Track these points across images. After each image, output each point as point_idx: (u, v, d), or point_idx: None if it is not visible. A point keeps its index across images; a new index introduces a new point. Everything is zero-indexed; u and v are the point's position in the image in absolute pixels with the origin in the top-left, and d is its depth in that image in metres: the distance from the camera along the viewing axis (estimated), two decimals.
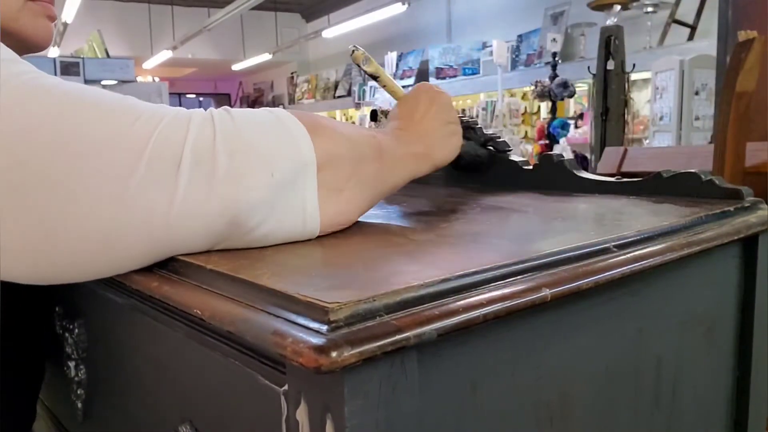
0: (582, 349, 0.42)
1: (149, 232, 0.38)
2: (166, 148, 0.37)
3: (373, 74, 0.68)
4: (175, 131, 0.38)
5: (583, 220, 0.57)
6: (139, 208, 0.37)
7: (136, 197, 0.36)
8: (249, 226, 0.40)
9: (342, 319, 0.28)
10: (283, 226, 0.42)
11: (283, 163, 0.41)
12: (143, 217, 0.37)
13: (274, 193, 0.40)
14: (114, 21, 7.96)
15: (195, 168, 0.37)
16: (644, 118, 4.46)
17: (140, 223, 0.37)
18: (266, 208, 0.40)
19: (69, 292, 0.60)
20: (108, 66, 5.23)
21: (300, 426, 0.30)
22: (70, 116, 0.37)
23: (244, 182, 0.39)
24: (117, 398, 0.54)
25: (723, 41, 2.52)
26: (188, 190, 0.37)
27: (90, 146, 0.36)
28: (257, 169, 0.39)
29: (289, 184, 0.41)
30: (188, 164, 0.37)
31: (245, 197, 0.39)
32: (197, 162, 0.38)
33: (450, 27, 6.97)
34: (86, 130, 0.37)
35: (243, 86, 11.83)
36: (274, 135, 0.41)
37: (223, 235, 0.40)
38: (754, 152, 1.53)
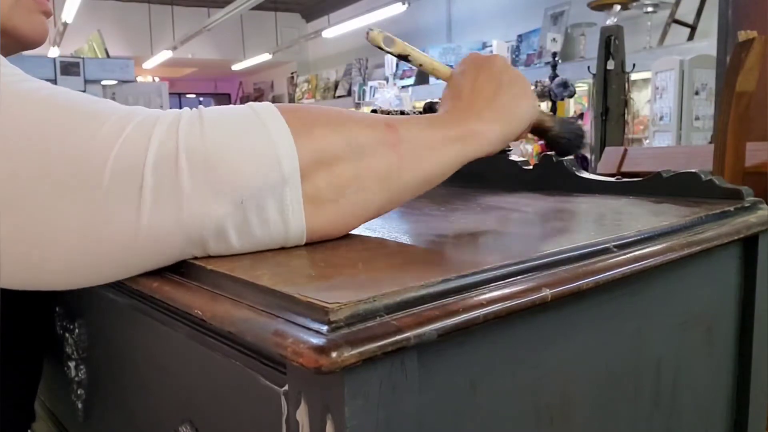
0: (582, 349, 0.42)
1: (116, 248, 0.36)
2: (126, 164, 0.35)
3: (402, 54, 0.55)
4: (138, 142, 0.35)
5: (583, 220, 0.57)
6: (105, 224, 0.35)
7: (102, 212, 0.35)
8: (220, 245, 0.38)
9: (342, 319, 0.28)
10: (260, 242, 0.39)
11: (256, 180, 0.37)
12: (109, 233, 0.36)
13: (243, 214, 0.37)
14: (114, 21, 7.96)
15: (157, 185, 0.35)
16: (644, 118, 4.46)
17: (107, 239, 0.36)
18: (238, 229, 0.37)
19: (69, 292, 0.60)
20: (108, 66, 5.23)
21: (300, 426, 0.30)
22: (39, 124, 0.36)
23: (210, 205, 0.36)
24: (117, 398, 0.54)
25: (723, 41, 2.52)
26: (151, 212, 0.35)
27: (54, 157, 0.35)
28: (224, 191, 0.36)
29: (264, 200, 0.37)
30: (150, 183, 0.35)
31: (208, 221, 0.36)
32: (159, 178, 0.35)
33: (450, 27, 6.97)
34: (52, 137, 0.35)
35: (243, 86, 11.83)
36: (249, 144, 0.37)
37: (191, 253, 0.38)
38: (754, 152, 1.53)
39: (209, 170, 0.36)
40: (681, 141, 3.72)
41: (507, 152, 0.75)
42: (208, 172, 0.36)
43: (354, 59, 7.99)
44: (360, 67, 7.90)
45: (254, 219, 0.37)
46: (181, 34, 7.51)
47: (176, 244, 0.37)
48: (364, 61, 7.83)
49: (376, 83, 6.57)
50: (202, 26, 6.88)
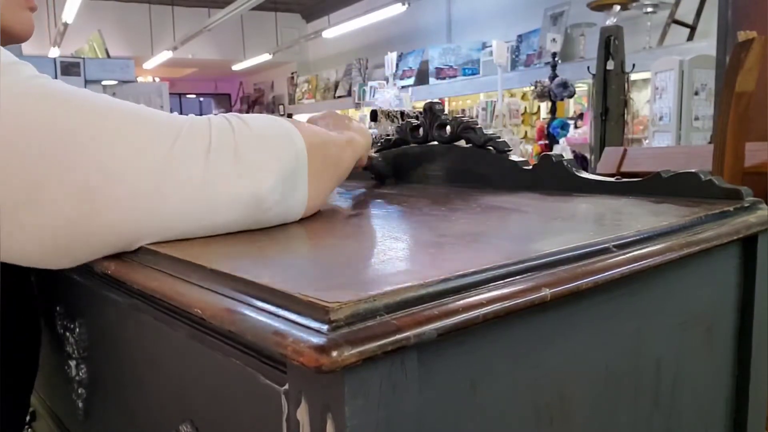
0: (582, 349, 0.42)
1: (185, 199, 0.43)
2: (196, 136, 0.44)
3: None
4: (201, 129, 0.45)
5: (583, 220, 0.57)
6: (175, 179, 0.42)
7: (173, 168, 0.42)
8: (266, 206, 0.47)
9: (342, 318, 0.28)
10: (286, 207, 0.50)
11: (286, 153, 0.49)
12: (179, 185, 0.43)
13: (282, 177, 0.48)
14: (114, 21, 7.96)
15: (221, 154, 0.45)
16: (644, 118, 4.46)
17: (176, 191, 0.43)
18: (278, 189, 0.48)
19: (70, 291, 0.60)
20: (108, 66, 5.23)
21: (300, 425, 0.30)
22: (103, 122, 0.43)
23: (262, 167, 0.47)
24: (118, 397, 0.54)
25: (722, 41, 2.52)
26: (217, 170, 0.44)
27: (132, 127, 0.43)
28: (269, 158, 0.47)
29: (291, 170, 0.49)
30: (215, 150, 0.45)
31: (264, 178, 0.47)
32: (224, 150, 0.45)
33: (450, 27, 6.97)
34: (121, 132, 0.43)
35: (243, 86, 11.83)
36: (275, 130, 0.49)
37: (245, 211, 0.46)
38: (754, 152, 1.53)
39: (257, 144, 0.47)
40: (680, 141, 3.72)
41: (507, 152, 0.75)
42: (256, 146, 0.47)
43: (354, 59, 8.00)
44: (360, 67, 7.90)
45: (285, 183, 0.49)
46: (181, 34, 7.51)
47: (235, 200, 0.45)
48: (364, 61, 7.84)
49: (376, 83, 6.58)
50: (203, 26, 6.88)
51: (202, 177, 0.44)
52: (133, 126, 0.43)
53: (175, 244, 0.44)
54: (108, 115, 0.43)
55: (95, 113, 0.43)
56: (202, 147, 0.44)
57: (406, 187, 0.82)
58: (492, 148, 0.75)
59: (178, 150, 0.43)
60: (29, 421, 0.81)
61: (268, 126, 0.50)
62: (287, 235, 0.52)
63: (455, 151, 0.81)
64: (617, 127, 3.74)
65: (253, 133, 0.47)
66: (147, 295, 0.43)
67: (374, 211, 0.62)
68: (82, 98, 0.43)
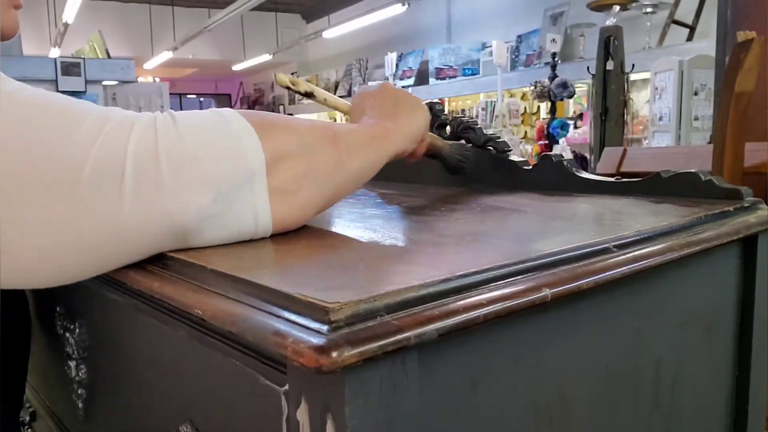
0: (582, 349, 0.42)
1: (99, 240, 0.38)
2: (106, 161, 0.37)
3: (308, 92, 0.64)
4: (117, 140, 0.38)
5: (583, 220, 0.57)
6: (86, 217, 0.37)
7: (82, 206, 0.37)
8: (198, 237, 0.41)
9: (342, 319, 0.28)
10: (232, 234, 0.42)
11: (229, 173, 0.40)
12: (91, 226, 0.37)
13: (221, 205, 0.40)
14: (115, 21, 7.96)
15: (138, 180, 0.38)
16: (643, 118, 4.46)
17: (89, 232, 0.37)
18: (214, 219, 0.40)
19: (70, 291, 0.60)
20: (108, 66, 5.23)
21: (300, 426, 0.30)
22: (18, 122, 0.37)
23: (189, 197, 0.39)
24: (118, 398, 0.54)
25: (722, 41, 2.52)
26: (133, 203, 0.38)
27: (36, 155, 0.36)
28: (202, 183, 0.39)
29: (237, 193, 0.41)
30: (131, 176, 0.37)
31: (192, 212, 0.39)
32: (140, 174, 0.38)
33: (450, 27, 6.97)
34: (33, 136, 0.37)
35: (243, 87, 11.83)
36: (220, 142, 0.41)
37: (171, 244, 0.41)
38: (753, 152, 1.53)
39: (188, 167, 0.39)
40: (680, 141, 3.72)
41: (507, 152, 0.75)
42: (186, 169, 0.39)
43: (354, 60, 7.99)
44: (360, 67, 7.90)
45: (229, 210, 0.41)
46: (181, 34, 7.51)
47: (158, 235, 0.39)
48: (364, 61, 7.84)
49: (376, 84, 6.56)
50: (203, 27, 6.88)
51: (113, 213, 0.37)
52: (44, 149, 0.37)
53: None
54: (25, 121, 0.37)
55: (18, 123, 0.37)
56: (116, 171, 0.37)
57: (406, 187, 0.82)
58: (492, 148, 0.75)
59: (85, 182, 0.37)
60: (29, 421, 0.81)
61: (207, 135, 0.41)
62: (287, 235, 0.52)
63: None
64: (617, 127, 3.74)
65: (182, 144, 0.39)
66: (147, 296, 0.43)
67: (374, 211, 0.62)
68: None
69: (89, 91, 4.91)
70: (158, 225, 0.39)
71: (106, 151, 0.37)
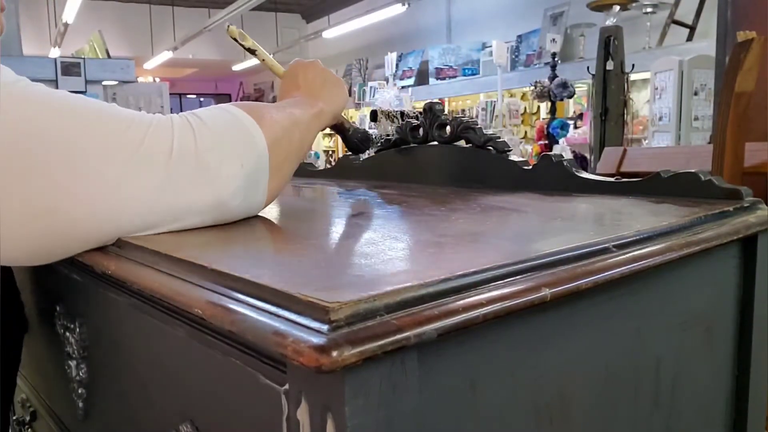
0: (581, 349, 0.42)
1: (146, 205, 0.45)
2: (157, 145, 0.45)
3: (251, 49, 0.72)
4: (164, 133, 0.46)
5: (583, 220, 0.57)
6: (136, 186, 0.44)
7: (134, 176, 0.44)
8: (228, 208, 0.49)
9: (342, 318, 0.28)
10: (248, 206, 0.52)
11: (248, 154, 0.50)
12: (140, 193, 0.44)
13: (245, 179, 0.50)
14: (115, 21, 7.96)
15: (184, 160, 0.46)
16: (643, 118, 4.46)
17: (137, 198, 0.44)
18: (240, 193, 0.49)
19: (70, 291, 0.60)
20: (109, 66, 5.23)
21: (301, 425, 0.30)
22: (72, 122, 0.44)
23: (224, 172, 0.48)
24: (118, 397, 0.54)
25: (722, 42, 2.52)
26: (179, 177, 0.45)
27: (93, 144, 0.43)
28: (232, 162, 0.49)
29: (253, 171, 0.50)
30: (177, 156, 0.46)
31: (226, 185, 0.48)
32: (185, 156, 0.46)
33: (450, 27, 6.97)
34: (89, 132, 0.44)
35: (243, 86, 11.83)
36: (236, 131, 0.50)
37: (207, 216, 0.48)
38: (753, 152, 1.53)
39: (219, 149, 0.48)
40: (680, 141, 3.72)
41: (507, 152, 0.75)
42: (219, 150, 0.48)
43: (354, 59, 8.00)
44: (360, 67, 7.90)
45: (248, 184, 0.50)
46: (181, 34, 7.51)
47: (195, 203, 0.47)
48: (364, 61, 7.84)
49: (376, 83, 6.58)
50: (203, 27, 6.88)
51: (162, 185, 0.45)
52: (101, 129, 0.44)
53: (176, 243, 0.44)
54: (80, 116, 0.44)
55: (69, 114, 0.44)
56: (164, 153, 0.45)
57: (406, 187, 0.82)
58: (492, 148, 0.76)
59: (141, 156, 0.44)
60: (29, 421, 0.81)
61: (228, 127, 0.50)
62: (287, 235, 0.52)
63: (455, 151, 0.81)
64: (617, 127, 3.74)
65: (214, 137, 0.48)
66: (147, 295, 0.43)
67: (374, 211, 0.63)
68: (58, 100, 0.44)
69: (89, 91, 4.90)
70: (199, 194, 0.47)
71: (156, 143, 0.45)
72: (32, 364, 0.77)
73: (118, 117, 0.46)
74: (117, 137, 0.44)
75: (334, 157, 7.15)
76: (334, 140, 6.50)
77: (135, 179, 0.44)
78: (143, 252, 0.43)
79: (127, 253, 0.45)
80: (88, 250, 0.47)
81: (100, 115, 0.45)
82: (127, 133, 0.45)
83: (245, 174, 0.49)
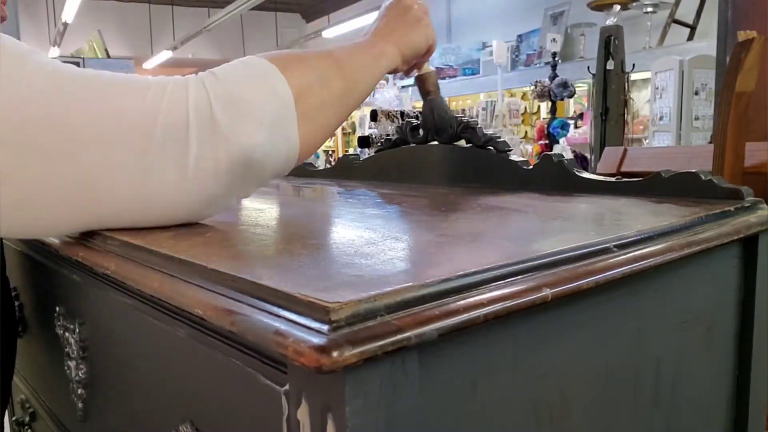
0: (582, 349, 0.42)
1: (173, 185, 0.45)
2: (174, 114, 0.44)
3: None
4: (179, 98, 0.45)
5: (583, 220, 0.57)
6: (160, 167, 0.44)
7: (157, 159, 0.44)
8: (257, 165, 0.47)
9: (343, 318, 0.28)
10: (278, 158, 0.49)
11: (268, 106, 0.47)
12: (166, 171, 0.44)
13: (268, 131, 0.47)
14: (114, 21, 7.96)
15: (201, 126, 0.45)
16: (644, 118, 4.46)
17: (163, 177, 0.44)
18: (266, 145, 0.47)
19: (70, 291, 0.60)
20: (108, 66, 5.22)
21: (301, 425, 0.30)
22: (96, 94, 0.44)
23: (243, 129, 0.46)
24: (118, 398, 0.54)
25: (723, 41, 2.52)
26: (200, 146, 0.45)
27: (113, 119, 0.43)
28: (249, 117, 0.46)
29: (277, 121, 0.48)
30: (195, 124, 0.45)
31: (246, 141, 0.46)
32: (201, 120, 0.45)
33: (450, 27, 6.97)
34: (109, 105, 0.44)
35: None
36: (255, 83, 0.48)
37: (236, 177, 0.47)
38: (754, 152, 1.53)
39: (235, 105, 0.46)
40: (681, 141, 3.72)
41: (507, 152, 0.75)
42: (235, 107, 0.46)
43: None
44: None
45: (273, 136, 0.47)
46: (181, 34, 7.51)
47: (222, 169, 0.46)
48: None
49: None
50: (203, 26, 6.88)
51: (183, 158, 0.44)
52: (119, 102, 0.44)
53: (176, 244, 0.44)
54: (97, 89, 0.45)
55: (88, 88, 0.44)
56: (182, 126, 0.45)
57: (406, 187, 0.82)
58: (492, 148, 0.75)
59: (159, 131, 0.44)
60: (29, 421, 0.81)
61: (244, 79, 0.48)
62: (287, 235, 0.52)
63: (455, 151, 0.81)
64: (617, 127, 3.74)
65: (228, 92, 0.46)
66: (147, 295, 0.43)
67: (374, 211, 0.62)
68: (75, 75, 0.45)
69: None
70: (222, 159, 0.45)
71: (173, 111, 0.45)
72: (32, 365, 0.77)
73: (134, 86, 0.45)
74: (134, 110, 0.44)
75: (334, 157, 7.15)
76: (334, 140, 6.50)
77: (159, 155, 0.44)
78: (143, 252, 0.43)
79: (127, 254, 0.45)
80: (89, 251, 0.47)
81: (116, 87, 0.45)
82: (143, 105, 0.44)
83: (267, 128, 0.47)
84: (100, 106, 0.44)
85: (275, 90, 0.48)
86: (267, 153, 0.47)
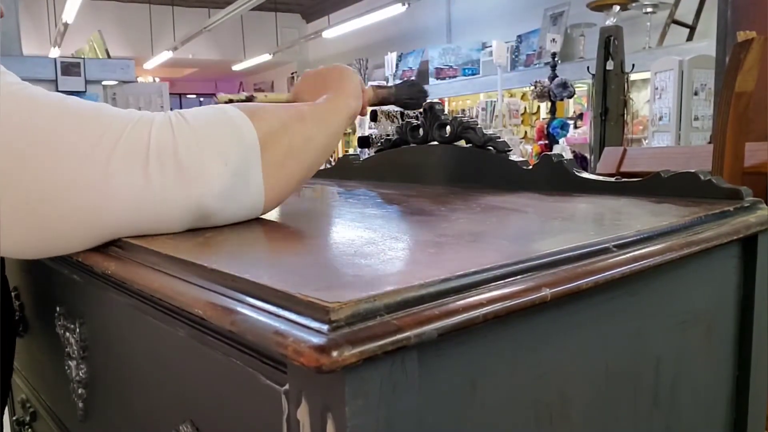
0: (581, 349, 0.42)
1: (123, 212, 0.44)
2: (134, 144, 0.44)
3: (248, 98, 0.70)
4: (141, 132, 0.45)
5: (583, 220, 0.57)
6: (113, 192, 0.43)
7: (111, 183, 0.43)
8: (212, 211, 0.47)
9: (343, 318, 0.28)
10: (239, 206, 0.49)
11: (233, 151, 0.47)
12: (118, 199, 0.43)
13: (230, 178, 0.47)
14: (115, 21, 7.96)
15: (161, 161, 0.44)
16: (643, 118, 4.46)
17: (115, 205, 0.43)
18: (226, 192, 0.47)
19: (70, 292, 0.60)
20: (108, 66, 5.23)
21: (301, 425, 0.30)
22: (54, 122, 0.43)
23: (205, 171, 0.46)
24: (118, 397, 0.54)
25: (722, 41, 2.52)
26: (157, 179, 0.44)
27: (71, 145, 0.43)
28: (213, 160, 0.46)
29: (241, 168, 0.48)
30: (155, 157, 0.44)
31: (208, 185, 0.46)
32: (162, 156, 0.44)
33: (450, 27, 6.97)
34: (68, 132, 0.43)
35: (243, 86, 11.82)
36: (222, 127, 0.48)
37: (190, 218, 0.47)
38: (753, 152, 1.53)
39: (200, 147, 0.46)
40: (680, 141, 3.72)
41: (507, 152, 0.75)
42: (200, 151, 0.46)
43: (354, 59, 7.98)
44: (360, 67, 7.89)
45: (236, 180, 0.47)
46: (181, 34, 7.51)
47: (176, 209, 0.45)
48: (364, 61, 7.83)
49: (376, 83, 6.56)
50: (203, 27, 6.88)
51: (142, 187, 0.44)
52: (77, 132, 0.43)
53: (176, 244, 0.44)
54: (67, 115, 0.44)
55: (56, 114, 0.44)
56: (141, 154, 0.44)
57: (406, 187, 0.82)
58: (492, 148, 0.76)
59: (116, 159, 0.43)
60: (29, 421, 0.81)
61: (211, 122, 0.48)
62: (287, 235, 0.52)
63: (455, 151, 0.81)
64: (617, 127, 3.74)
65: (194, 133, 0.46)
66: (147, 295, 0.43)
67: (374, 211, 0.62)
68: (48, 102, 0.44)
69: (89, 91, 4.90)
70: (179, 199, 0.45)
71: (133, 142, 0.44)
72: (32, 365, 0.77)
73: (101, 116, 0.45)
74: (97, 136, 0.43)
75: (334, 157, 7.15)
76: None
77: (114, 177, 0.43)
78: (143, 252, 0.43)
79: (127, 254, 0.45)
80: (88, 251, 0.47)
81: (84, 114, 0.44)
82: (107, 132, 0.44)
83: (231, 172, 0.47)
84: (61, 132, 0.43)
85: (241, 136, 0.48)
86: (230, 200, 0.47)
